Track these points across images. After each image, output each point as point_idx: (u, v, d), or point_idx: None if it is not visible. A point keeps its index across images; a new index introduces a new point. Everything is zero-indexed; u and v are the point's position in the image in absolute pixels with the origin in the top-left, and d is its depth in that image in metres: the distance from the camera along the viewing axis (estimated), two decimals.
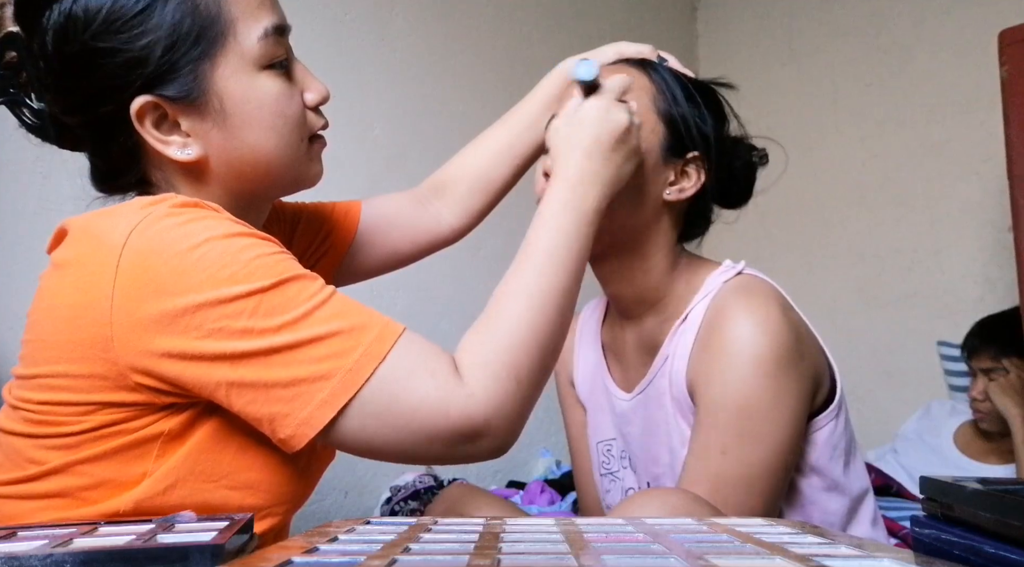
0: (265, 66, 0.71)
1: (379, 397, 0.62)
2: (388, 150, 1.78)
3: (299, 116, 0.74)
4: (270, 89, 0.71)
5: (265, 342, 0.61)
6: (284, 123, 0.73)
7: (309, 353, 0.62)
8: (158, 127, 0.69)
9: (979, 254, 2.12)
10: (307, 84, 0.76)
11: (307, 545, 0.41)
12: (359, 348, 0.62)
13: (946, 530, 0.54)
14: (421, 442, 0.63)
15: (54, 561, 0.39)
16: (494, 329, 0.68)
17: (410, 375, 0.63)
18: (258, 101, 0.71)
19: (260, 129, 0.71)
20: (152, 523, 0.50)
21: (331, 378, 0.61)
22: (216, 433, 0.67)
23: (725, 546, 0.43)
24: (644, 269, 0.93)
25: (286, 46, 0.74)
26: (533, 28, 2.17)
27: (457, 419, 0.63)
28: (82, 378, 0.63)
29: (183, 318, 0.61)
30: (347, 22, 1.73)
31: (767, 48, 2.56)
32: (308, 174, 0.78)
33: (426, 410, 0.62)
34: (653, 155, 0.89)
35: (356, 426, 0.63)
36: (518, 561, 0.37)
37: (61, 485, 0.65)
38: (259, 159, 0.72)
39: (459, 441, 0.63)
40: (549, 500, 1.66)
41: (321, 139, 0.79)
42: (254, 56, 0.70)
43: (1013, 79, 1.39)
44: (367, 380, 0.62)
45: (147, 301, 0.61)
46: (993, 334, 1.80)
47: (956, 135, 2.16)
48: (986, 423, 1.82)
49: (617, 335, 1.01)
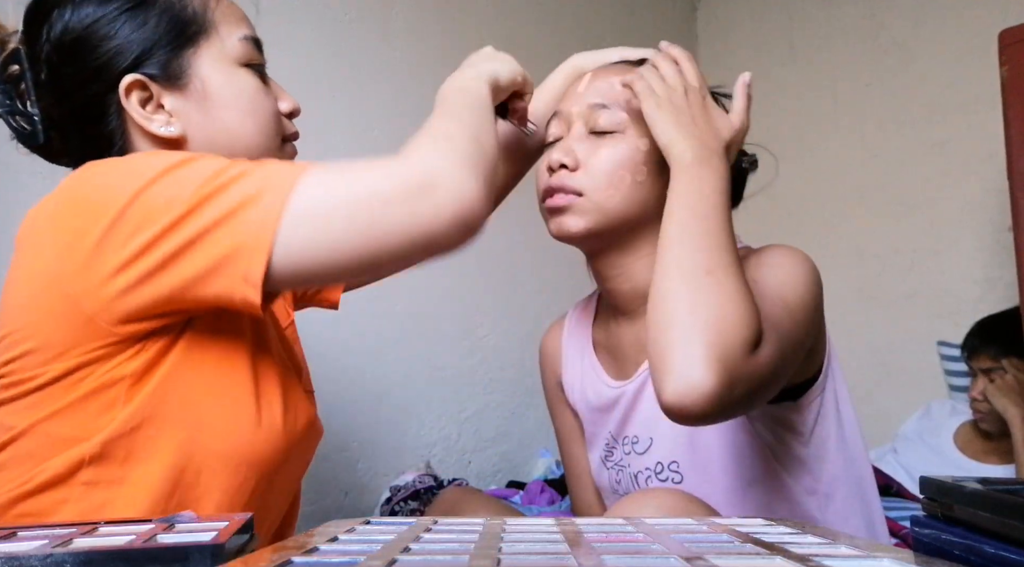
0: (244, 64, 0.78)
1: (316, 194, 0.64)
2: (388, 150, 1.77)
3: (274, 111, 0.81)
4: (248, 82, 0.78)
5: (187, 200, 0.63)
6: (261, 112, 0.79)
7: (230, 195, 0.64)
8: (144, 106, 0.75)
9: (979, 254, 2.12)
10: (281, 95, 0.83)
11: (307, 545, 0.41)
12: (277, 176, 0.65)
13: (946, 530, 0.54)
14: (375, 216, 0.63)
15: (54, 561, 0.39)
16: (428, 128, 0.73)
17: (338, 172, 0.66)
18: (238, 89, 0.77)
19: (238, 113, 0.77)
20: (152, 523, 0.50)
21: (261, 197, 0.63)
22: (179, 372, 0.69)
23: (725, 546, 0.43)
24: (642, 265, 0.94)
25: (262, 59, 0.81)
26: (533, 28, 2.17)
27: (401, 174, 0.65)
28: (48, 324, 0.66)
29: (114, 233, 0.64)
30: (347, 22, 1.73)
31: (767, 48, 2.56)
32: None
33: (364, 187, 0.64)
34: (651, 145, 0.90)
35: (305, 232, 0.63)
36: (518, 561, 0.37)
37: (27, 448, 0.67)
38: (236, 141, 0.77)
39: (412, 196, 0.64)
40: (549, 500, 1.66)
41: (294, 146, 0.85)
42: (235, 53, 0.78)
43: (1013, 79, 1.39)
44: (296, 185, 0.64)
45: (86, 233, 0.64)
46: (993, 334, 1.80)
47: (956, 135, 2.15)
48: (986, 423, 1.82)
49: (612, 332, 1.01)
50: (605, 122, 0.92)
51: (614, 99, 0.93)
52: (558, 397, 1.10)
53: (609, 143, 0.91)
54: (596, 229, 0.91)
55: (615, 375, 1.00)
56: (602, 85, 0.95)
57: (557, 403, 1.11)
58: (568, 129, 0.95)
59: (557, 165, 0.92)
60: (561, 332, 1.10)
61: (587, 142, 0.92)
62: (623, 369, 0.99)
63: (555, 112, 0.98)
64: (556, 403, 1.11)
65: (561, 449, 1.12)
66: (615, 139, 0.91)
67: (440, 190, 0.64)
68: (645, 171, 0.90)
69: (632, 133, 0.91)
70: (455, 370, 1.87)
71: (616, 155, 0.91)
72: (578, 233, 0.91)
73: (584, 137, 0.93)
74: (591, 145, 0.92)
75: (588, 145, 0.92)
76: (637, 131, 0.91)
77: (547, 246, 1.01)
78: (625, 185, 0.90)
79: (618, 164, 0.90)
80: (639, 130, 0.91)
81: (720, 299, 0.74)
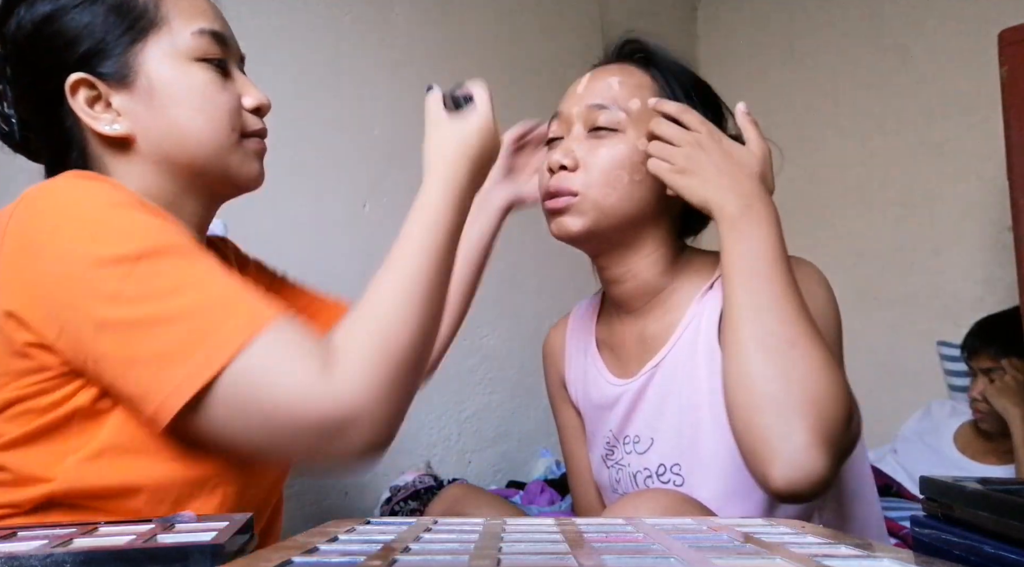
0: (198, 59, 0.75)
1: (240, 386, 0.61)
2: (388, 150, 1.78)
3: (230, 106, 0.77)
4: (200, 77, 0.75)
5: (130, 311, 0.61)
6: (213, 108, 0.75)
7: (171, 331, 0.61)
8: (92, 105, 0.73)
9: (979, 254, 2.12)
10: (246, 90, 0.79)
11: (307, 545, 0.41)
12: (221, 331, 0.61)
13: (946, 530, 0.54)
14: (286, 437, 0.62)
15: (54, 561, 0.39)
16: (367, 314, 0.67)
17: (274, 365, 0.61)
18: (187, 85, 0.75)
19: (187, 109, 0.75)
20: (152, 523, 0.50)
21: (189, 359, 0.60)
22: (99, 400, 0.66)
23: (725, 546, 0.43)
24: (646, 264, 0.94)
25: (225, 52, 0.78)
26: (533, 28, 2.17)
27: (322, 411, 0.61)
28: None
29: (56, 279, 0.62)
30: (347, 22, 1.73)
31: (767, 48, 2.56)
32: (241, 170, 0.78)
33: (289, 403, 0.61)
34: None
35: (219, 415, 0.61)
36: (518, 561, 0.37)
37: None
38: (185, 139, 0.75)
39: (326, 435, 0.61)
40: (549, 500, 1.66)
41: (259, 142, 0.81)
42: (186, 48, 0.75)
43: (1013, 79, 1.39)
44: (226, 366, 0.60)
45: (25, 266, 0.63)
46: (993, 334, 1.80)
47: (956, 135, 2.15)
48: (986, 423, 1.82)
49: (616, 330, 1.01)
50: (604, 122, 0.92)
51: (612, 99, 0.93)
52: (561, 395, 1.10)
53: (608, 143, 0.92)
54: (595, 228, 0.91)
55: (618, 373, 1.00)
56: (600, 86, 0.95)
57: (559, 401, 1.11)
58: (568, 130, 0.95)
59: (557, 166, 0.92)
60: (565, 330, 1.10)
61: (586, 142, 0.93)
62: (626, 367, 0.99)
63: (555, 113, 0.98)
64: (558, 401, 1.11)
65: (563, 447, 1.12)
66: (614, 139, 0.92)
67: (355, 435, 0.62)
68: (644, 170, 0.90)
69: (631, 133, 0.92)
70: (455, 370, 1.87)
71: (614, 154, 0.91)
72: (577, 233, 0.92)
73: (583, 137, 0.93)
74: (590, 145, 0.92)
75: (587, 145, 0.93)
76: (636, 131, 0.91)
77: (547, 246, 1.01)
78: (623, 184, 0.91)
79: (616, 163, 0.91)
80: (638, 130, 0.91)
81: (812, 373, 0.73)
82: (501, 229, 1.07)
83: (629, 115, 0.92)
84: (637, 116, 0.92)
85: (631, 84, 0.95)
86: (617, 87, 0.93)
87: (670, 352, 0.93)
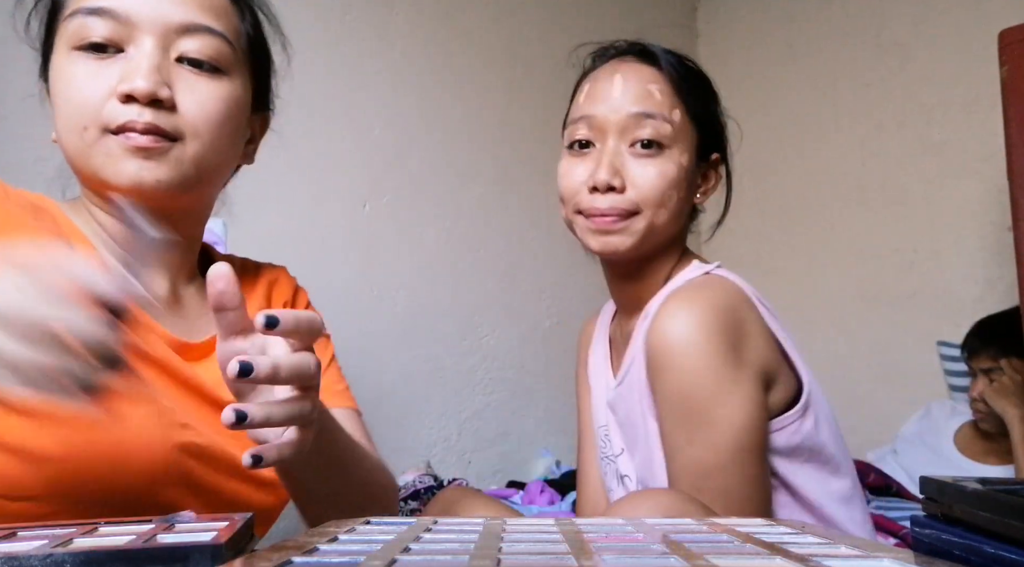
0: (76, 47, 0.67)
1: None
2: (388, 150, 1.78)
3: (84, 101, 0.66)
4: (65, 70, 0.68)
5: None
6: (67, 106, 0.68)
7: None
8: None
9: (979, 254, 2.12)
10: (126, 74, 0.66)
11: (307, 545, 0.41)
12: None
13: (946, 530, 0.54)
14: None
15: (54, 561, 0.39)
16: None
17: None
18: (57, 82, 0.69)
19: (57, 111, 0.69)
20: (152, 523, 0.50)
21: None
22: None
23: (725, 546, 0.43)
24: (659, 268, 0.95)
25: (110, 31, 0.67)
26: (533, 28, 2.17)
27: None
28: None
29: None
30: (347, 22, 1.73)
31: (767, 48, 2.56)
32: (106, 172, 0.67)
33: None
34: (693, 162, 0.91)
35: None
36: (518, 561, 0.37)
37: None
38: (60, 142, 0.70)
39: None
40: (549, 500, 1.66)
41: (128, 135, 0.66)
42: (66, 36, 0.68)
43: (1013, 79, 1.39)
44: None
45: None
46: (993, 334, 1.80)
47: (956, 135, 2.15)
48: (986, 423, 1.82)
49: (621, 329, 1.04)
50: (651, 135, 0.89)
51: (657, 108, 0.90)
52: (584, 382, 1.12)
53: (657, 161, 0.89)
54: (644, 247, 0.91)
55: (616, 369, 1.03)
56: (638, 90, 0.90)
57: (581, 387, 1.12)
58: (603, 136, 0.91)
59: (605, 188, 0.89)
60: (596, 321, 1.11)
61: (630, 158, 0.89)
62: (620, 364, 1.01)
63: (582, 115, 0.93)
64: (580, 387, 1.12)
65: (579, 429, 1.14)
66: (663, 156, 0.89)
67: None
68: (684, 186, 0.91)
69: (676, 148, 0.90)
70: (455, 370, 1.87)
71: (667, 174, 0.89)
72: (627, 252, 0.91)
73: (625, 151, 0.90)
74: (637, 162, 0.89)
75: (633, 161, 0.89)
76: (680, 146, 0.90)
77: (547, 247, 1.01)
78: (672, 203, 0.90)
79: (669, 183, 0.89)
80: (680, 144, 0.90)
81: None
82: None
83: (674, 127, 0.89)
84: (679, 128, 0.90)
85: (667, 92, 0.91)
86: (658, 95, 0.90)
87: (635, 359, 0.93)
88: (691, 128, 0.91)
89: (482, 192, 1.95)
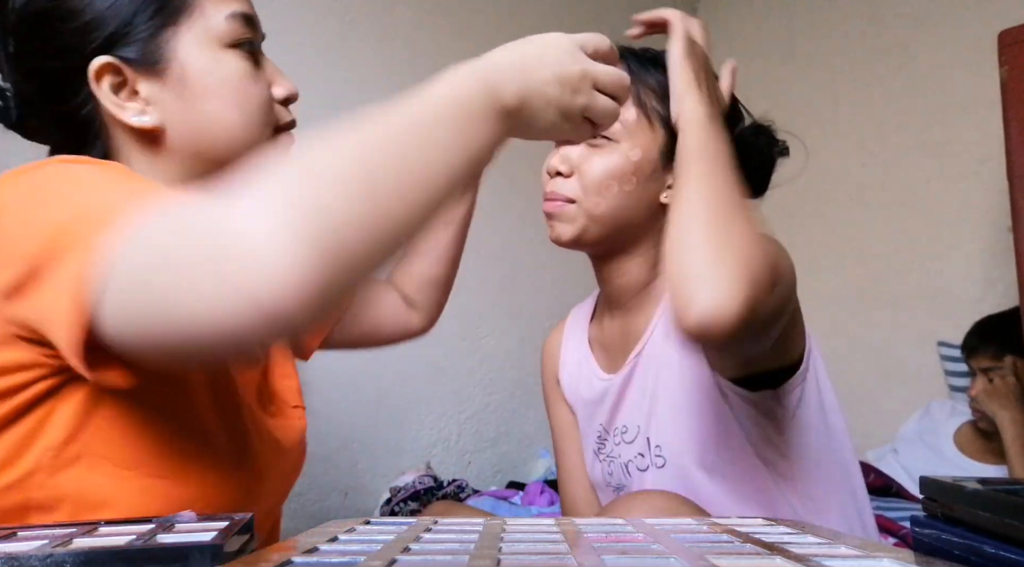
0: (231, 45, 0.70)
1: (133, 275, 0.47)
2: None
3: (263, 100, 0.73)
4: (235, 66, 0.70)
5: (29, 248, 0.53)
6: (247, 101, 0.71)
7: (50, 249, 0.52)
8: (116, 92, 0.68)
9: (979, 254, 2.12)
10: (276, 79, 0.75)
11: (307, 545, 0.41)
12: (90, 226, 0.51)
13: (946, 530, 0.54)
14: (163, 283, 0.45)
15: (54, 561, 0.39)
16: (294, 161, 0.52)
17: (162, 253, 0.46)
18: (221, 75, 0.69)
19: (222, 103, 0.69)
20: (152, 523, 0.50)
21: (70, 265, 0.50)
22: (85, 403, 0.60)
23: (725, 546, 0.43)
24: (636, 263, 0.98)
25: (256, 36, 0.73)
26: (533, 28, 2.17)
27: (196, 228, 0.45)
28: None
29: None
30: (347, 22, 1.73)
31: (767, 48, 2.56)
32: None
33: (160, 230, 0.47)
34: (652, 161, 0.94)
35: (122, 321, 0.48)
36: (518, 561, 0.37)
37: None
38: (218, 134, 0.70)
39: (203, 260, 0.43)
40: (549, 500, 1.66)
41: (289, 136, 0.76)
42: (220, 32, 0.70)
43: (1013, 79, 1.39)
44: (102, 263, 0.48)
45: None
46: (993, 334, 1.80)
47: (956, 135, 2.15)
48: (985, 423, 1.83)
49: (606, 327, 1.05)
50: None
51: None
52: (554, 394, 1.14)
53: (602, 152, 0.94)
54: (584, 236, 0.94)
55: (606, 368, 1.04)
56: None
57: (554, 400, 1.14)
58: None
59: (554, 172, 0.95)
60: (562, 333, 1.14)
61: (584, 149, 0.95)
62: (614, 362, 1.03)
63: None
64: (553, 400, 1.14)
65: (555, 446, 1.15)
66: (609, 148, 0.94)
67: (233, 262, 0.42)
68: (634, 181, 0.93)
69: (626, 143, 0.93)
70: (455, 370, 1.88)
71: (607, 164, 0.93)
72: (567, 240, 0.95)
73: (582, 144, 0.95)
74: (586, 153, 0.94)
75: (584, 152, 0.94)
76: (631, 142, 0.93)
77: (546, 247, 1.02)
78: (612, 193, 0.93)
79: (608, 173, 0.93)
80: (633, 141, 0.93)
81: (749, 236, 0.74)
82: None
83: (625, 126, 0.93)
84: (634, 127, 0.94)
85: None
86: None
87: (649, 340, 0.96)
88: (652, 128, 0.94)
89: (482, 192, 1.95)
